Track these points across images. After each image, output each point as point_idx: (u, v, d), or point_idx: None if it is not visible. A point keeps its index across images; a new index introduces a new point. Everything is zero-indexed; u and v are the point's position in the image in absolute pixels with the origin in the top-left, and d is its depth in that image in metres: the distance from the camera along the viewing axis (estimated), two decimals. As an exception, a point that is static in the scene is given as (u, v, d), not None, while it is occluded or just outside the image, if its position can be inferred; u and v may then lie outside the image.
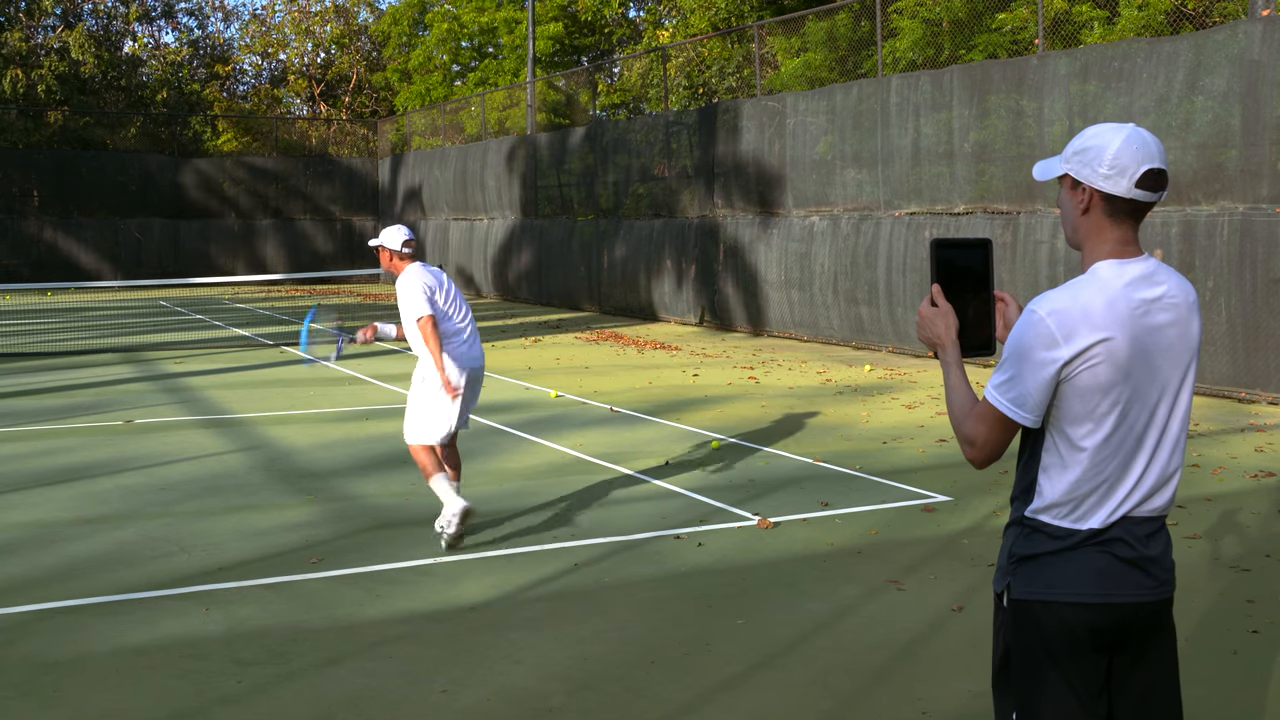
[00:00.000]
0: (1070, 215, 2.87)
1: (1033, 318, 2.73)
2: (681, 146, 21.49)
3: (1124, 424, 2.74)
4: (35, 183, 33.57)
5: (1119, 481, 2.76)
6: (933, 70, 15.95)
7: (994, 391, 2.74)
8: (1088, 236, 2.84)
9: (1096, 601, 2.77)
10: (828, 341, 17.64)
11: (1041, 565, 2.80)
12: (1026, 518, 2.83)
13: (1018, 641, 2.86)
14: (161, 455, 9.67)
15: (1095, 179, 2.77)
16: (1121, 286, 2.74)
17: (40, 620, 5.74)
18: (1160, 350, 2.76)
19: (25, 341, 18.93)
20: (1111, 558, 2.78)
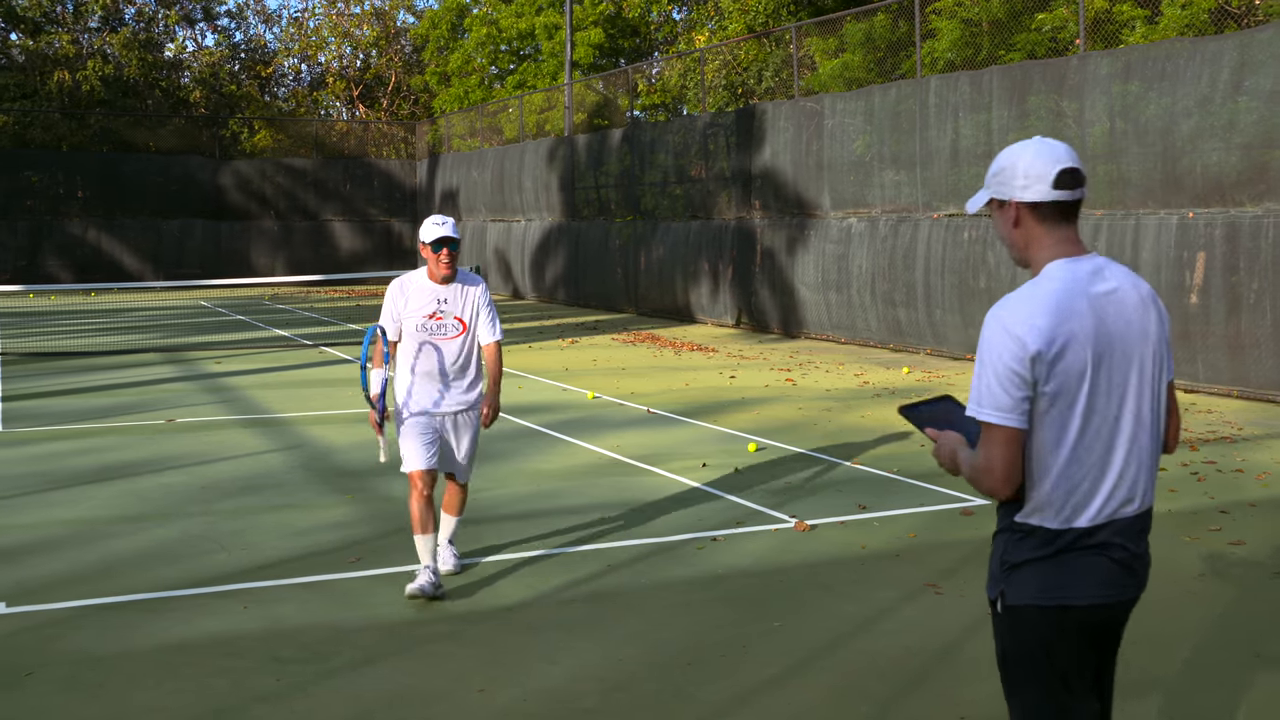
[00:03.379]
0: (1006, 234, 2.98)
1: (996, 324, 2.80)
2: (719, 148, 21.47)
3: (1097, 416, 2.80)
4: (79, 184, 33.98)
5: (1102, 476, 2.81)
6: (972, 71, 15.86)
7: (980, 409, 2.78)
8: (1028, 247, 2.94)
9: (1092, 603, 2.85)
10: (865, 344, 17.57)
11: (1035, 571, 2.85)
12: (1017, 523, 2.88)
13: (1014, 647, 2.93)
14: (202, 454, 9.75)
15: (1015, 192, 2.90)
16: (1075, 282, 2.82)
17: (83, 616, 5.80)
18: (1122, 342, 2.83)
19: (69, 341, 19.15)
20: (1106, 560, 2.84)
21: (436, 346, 6.07)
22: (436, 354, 6.07)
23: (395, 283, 6.14)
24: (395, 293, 6.09)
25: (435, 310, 6.05)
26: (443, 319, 6.05)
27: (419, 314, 6.04)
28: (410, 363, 6.11)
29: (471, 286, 6.15)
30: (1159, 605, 5.84)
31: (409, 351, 6.09)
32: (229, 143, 37.22)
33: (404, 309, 6.05)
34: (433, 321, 6.05)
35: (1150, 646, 5.27)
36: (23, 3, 38.85)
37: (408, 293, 6.07)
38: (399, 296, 6.07)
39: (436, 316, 6.04)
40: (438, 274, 6.04)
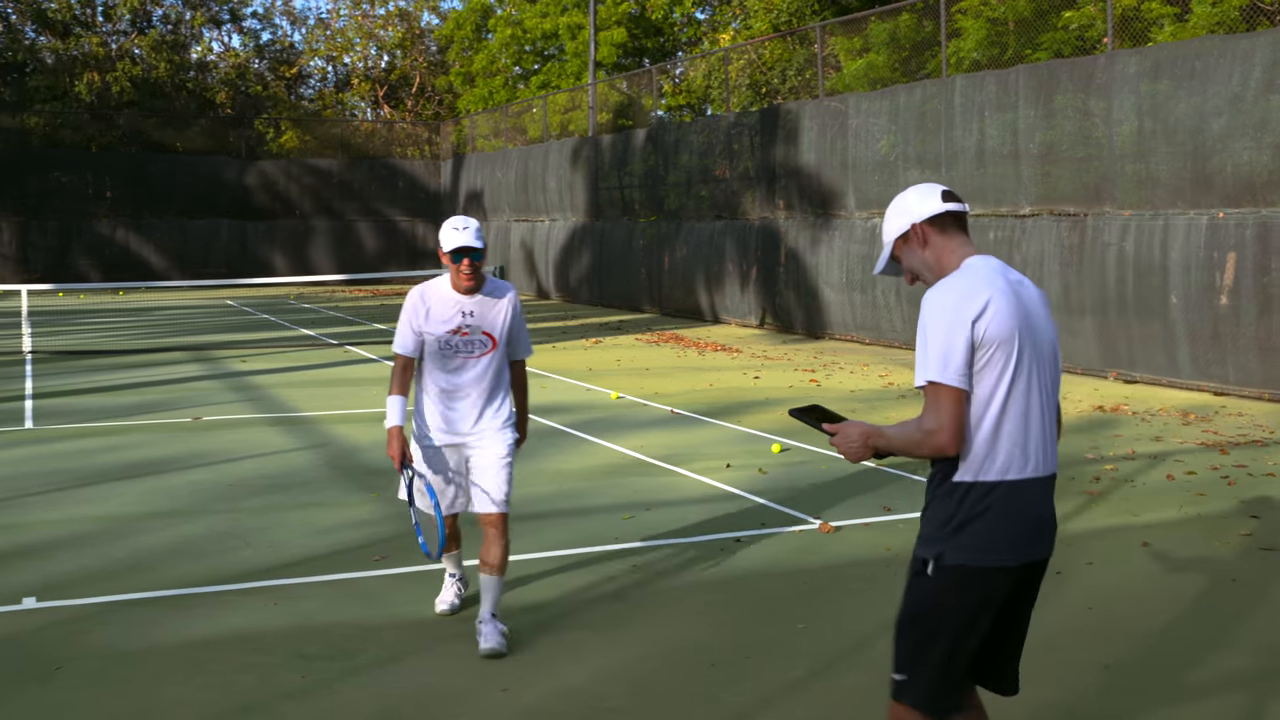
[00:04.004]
0: (920, 259, 3.31)
1: (939, 299, 3.13)
2: (743, 148, 21.44)
3: (1022, 380, 3.14)
4: (107, 184, 34.22)
5: (1027, 435, 3.15)
6: (998, 70, 15.79)
7: (930, 374, 3.08)
8: (939, 261, 3.28)
9: (1022, 562, 3.17)
10: (890, 344, 17.51)
11: (979, 529, 3.13)
12: (956, 482, 3.15)
13: (935, 601, 3.17)
14: (228, 452, 9.80)
15: (914, 216, 3.28)
16: (994, 270, 3.21)
17: (111, 611, 5.84)
18: (1037, 321, 3.22)
19: (98, 340, 19.29)
20: (1035, 516, 3.18)
21: (461, 365, 5.35)
22: (462, 374, 5.35)
23: (415, 292, 5.40)
24: (415, 304, 5.35)
25: (460, 325, 5.30)
26: (469, 334, 5.31)
27: (442, 329, 5.29)
28: (431, 384, 5.40)
29: (501, 297, 5.39)
30: (1192, 609, 5.81)
31: (430, 371, 5.40)
32: (255, 143, 37.41)
33: (425, 323, 5.32)
34: (458, 338, 5.31)
35: (1185, 650, 5.24)
36: (53, 5, 39.15)
37: (429, 303, 5.32)
38: (419, 308, 5.33)
39: (462, 332, 5.30)
40: (460, 285, 5.29)
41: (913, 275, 3.36)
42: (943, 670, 3.19)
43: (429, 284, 5.39)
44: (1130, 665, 5.09)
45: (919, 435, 3.11)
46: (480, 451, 5.38)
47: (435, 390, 5.38)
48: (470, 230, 5.23)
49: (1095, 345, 13.95)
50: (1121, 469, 8.94)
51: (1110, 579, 6.27)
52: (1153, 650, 5.26)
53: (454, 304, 5.31)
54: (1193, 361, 12.77)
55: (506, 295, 5.43)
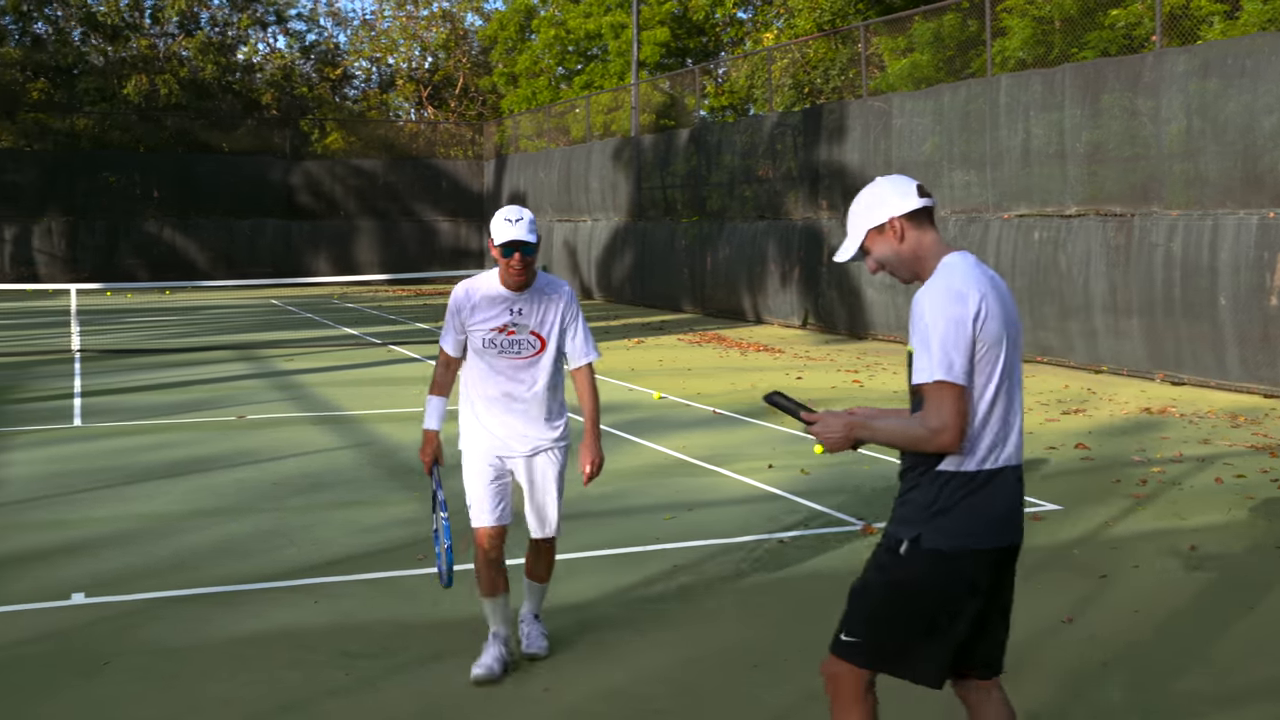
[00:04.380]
0: (895, 253, 3.35)
1: (937, 301, 3.17)
2: (786, 148, 21.38)
3: (1006, 372, 3.22)
4: (155, 184, 34.61)
5: (1008, 425, 3.25)
6: (1044, 69, 15.65)
7: (937, 373, 3.13)
8: (916, 256, 3.33)
9: (998, 546, 3.26)
10: (933, 345, 17.37)
11: (959, 515, 3.21)
12: (940, 471, 3.23)
13: (917, 586, 3.25)
14: (272, 451, 9.88)
15: (892, 210, 3.33)
16: (975, 266, 3.27)
17: (157, 608, 5.90)
18: (1013, 316, 3.28)
19: (145, 338, 19.51)
20: (1011, 504, 3.28)
21: (508, 368, 4.94)
22: (508, 378, 4.95)
23: (460, 287, 5.02)
24: (460, 300, 4.98)
25: (508, 323, 4.90)
26: (516, 333, 4.91)
27: (487, 326, 4.91)
28: (475, 389, 5.01)
29: (553, 295, 4.99)
30: (1241, 614, 5.73)
31: (474, 375, 5.01)
32: (300, 144, 37.71)
33: (469, 320, 4.94)
34: (504, 337, 4.91)
35: (1234, 655, 5.17)
36: (101, 9, 39.65)
37: (475, 300, 4.94)
38: (464, 304, 4.96)
39: (509, 331, 4.91)
40: (509, 281, 4.90)
41: (879, 266, 3.42)
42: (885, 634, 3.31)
43: (477, 278, 5.04)
44: (1177, 669, 5.03)
45: (924, 433, 3.17)
46: (530, 470, 5.02)
47: (480, 397, 4.99)
48: (524, 223, 4.83)
49: (1142, 346, 13.80)
50: (1169, 471, 8.84)
51: (1157, 583, 6.19)
52: (1201, 655, 5.19)
53: (502, 300, 4.91)
54: (1242, 363, 12.60)
55: (560, 293, 5.01)
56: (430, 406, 5.07)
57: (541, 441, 5.02)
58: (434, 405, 5.07)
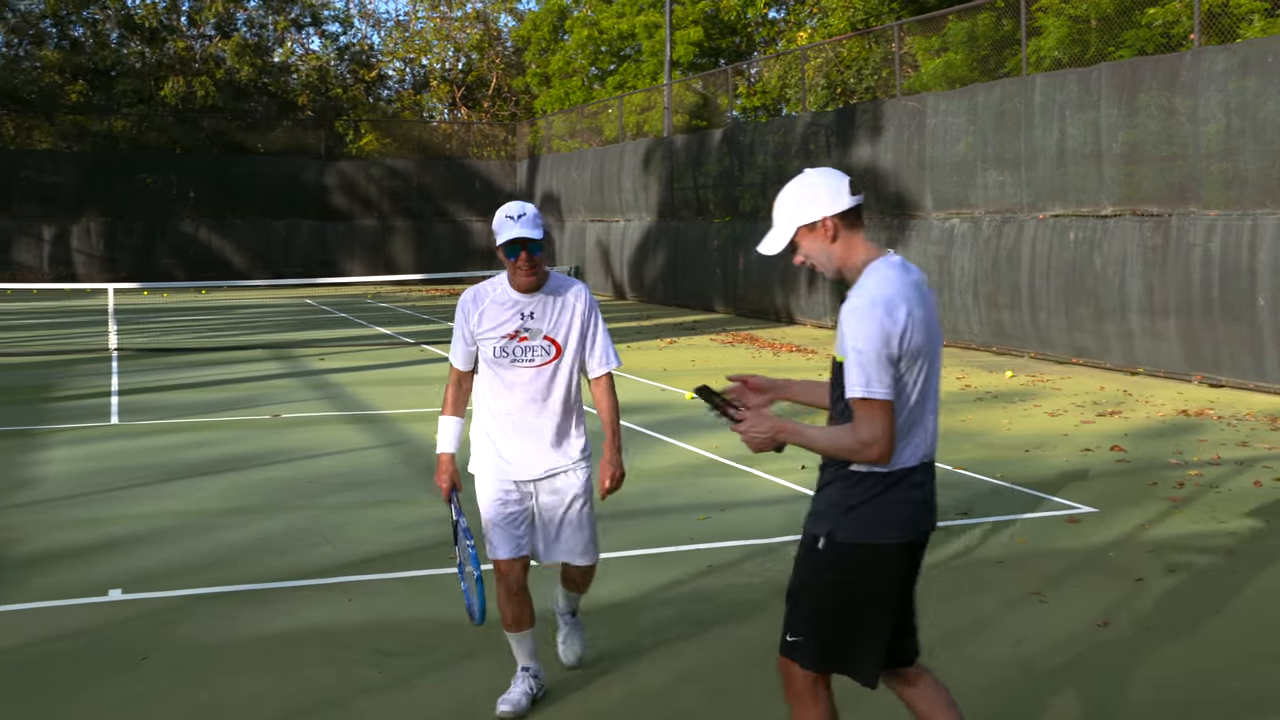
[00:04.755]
0: (825, 252, 3.39)
1: (869, 315, 3.21)
2: (819, 148, 21.32)
3: (924, 379, 3.30)
4: (191, 185, 34.90)
5: (924, 427, 3.33)
6: (1079, 68, 15.54)
7: (869, 390, 3.19)
8: (845, 256, 3.38)
9: (911, 539, 3.35)
10: (967, 346, 17.32)
11: (868, 511, 3.31)
12: (854, 470, 3.31)
13: (840, 581, 3.35)
14: (307, 449, 9.94)
15: (825, 208, 3.35)
16: (905, 274, 3.32)
17: (193, 604, 5.95)
18: (935, 320, 3.38)
19: (181, 337, 19.66)
20: (921, 499, 3.36)
21: (522, 380, 4.52)
22: (519, 390, 4.52)
23: (468, 294, 4.61)
24: (467, 307, 4.58)
25: (519, 328, 4.50)
26: (529, 339, 4.51)
27: (497, 334, 4.51)
28: (488, 405, 4.60)
29: (569, 295, 4.57)
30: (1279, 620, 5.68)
31: (486, 390, 4.60)
32: (334, 144, 37.92)
33: (477, 328, 4.55)
34: (515, 344, 4.50)
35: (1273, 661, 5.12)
36: (140, 11, 40.03)
37: (482, 305, 4.55)
38: (470, 312, 4.56)
39: (520, 337, 4.50)
40: (519, 282, 4.50)
41: (806, 262, 3.46)
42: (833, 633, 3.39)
43: (484, 284, 4.64)
44: (1215, 674, 4.98)
45: (854, 445, 3.22)
46: (551, 494, 4.59)
47: (493, 414, 4.57)
48: (526, 217, 4.41)
49: (1179, 348, 13.68)
50: (1206, 474, 8.75)
51: (1194, 587, 6.14)
52: (1237, 662, 5.14)
53: (511, 304, 4.52)
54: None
55: (575, 293, 4.59)
56: (443, 428, 4.67)
57: (561, 461, 4.59)
58: (447, 427, 4.67)
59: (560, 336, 4.54)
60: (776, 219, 3.46)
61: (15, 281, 30.91)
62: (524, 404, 4.53)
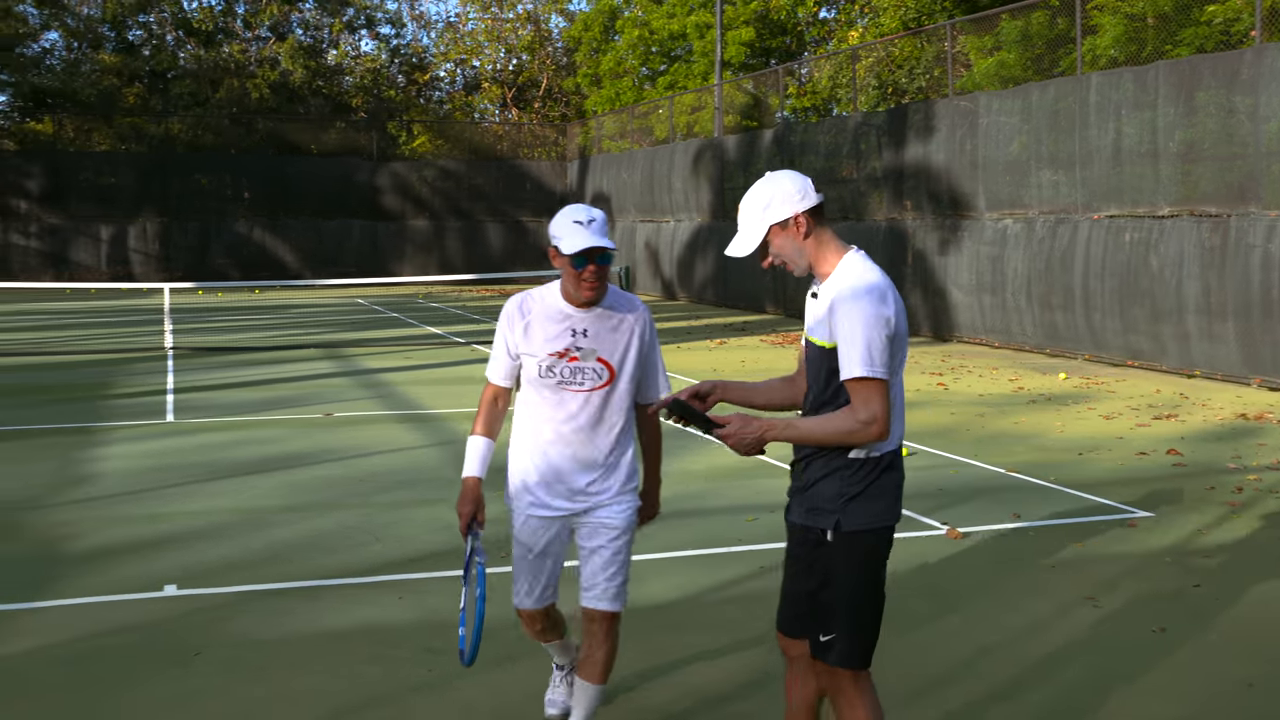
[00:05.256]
0: (797, 249, 3.49)
1: (867, 300, 3.33)
2: (870, 148, 21.20)
3: (900, 365, 3.44)
4: (245, 185, 35.30)
5: (899, 410, 3.46)
6: (1136, 67, 15.35)
7: (868, 369, 3.29)
8: (818, 252, 3.49)
9: (897, 520, 3.53)
10: (1020, 348, 17.15)
11: (870, 496, 3.43)
12: (852, 459, 3.42)
13: (850, 568, 3.47)
14: (358, 448, 10.01)
15: (798, 205, 3.45)
16: (873, 264, 3.47)
17: (247, 601, 6.00)
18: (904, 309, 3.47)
19: (234, 336, 19.87)
20: (902, 480, 3.53)
21: (568, 404, 4.05)
22: (565, 415, 4.05)
23: (512, 303, 4.12)
24: (512, 317, 4.08)
25: (569, 347, 4.02)
26: (579, 360, 4.02)
27: (544, 351, 4.02)
28: (528, 429, 4.14)
29: (626, 315, 4.07)
30: (1337, 625, 5.57)
31: (528, 411, 4.13)
32: (386, 145, 38.20)
33: (522, 342, 4.06)
34: (564, 364, 4.02)
35: (1327, 668, 5.03)
36: (196, 15, 40.55)
37: (528, 317, 4.06)
38: (516, 323, 4.07)
39: (570, 357, 4.02)
40: (579, 296, 3.99)
41: (776, 261, 3.52)
42: (868, 624, 3.52)
43: (532, 292, 4.14)
44: (1275, 684, 4.89)
45: (855, 426, 3.32)
46: (589, 526, 4.13)
47: (534, 437, 4.11)
48: (596, 224, 3.92)
49: (1237, 351, 13.47)
50: (1265, 479, 8.61)
51: (1252, 593, 6.04)
52: (1299, 668, 5.04)
53: (563, 319, 4.02)
54: (1342, 368, 12.24)
55: (635, 313, 4.09)
56: (471, 449, 4.18)
57: (606, 495, 4.12)
58: (476, 448, 4.17)
59: (615, 360, 4.04)
60: (745, 221, 3.50)
61: (74, 281, 31.40)
62: (570, 431, 4.04)
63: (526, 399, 4.13)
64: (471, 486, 4.16)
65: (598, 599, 4.11)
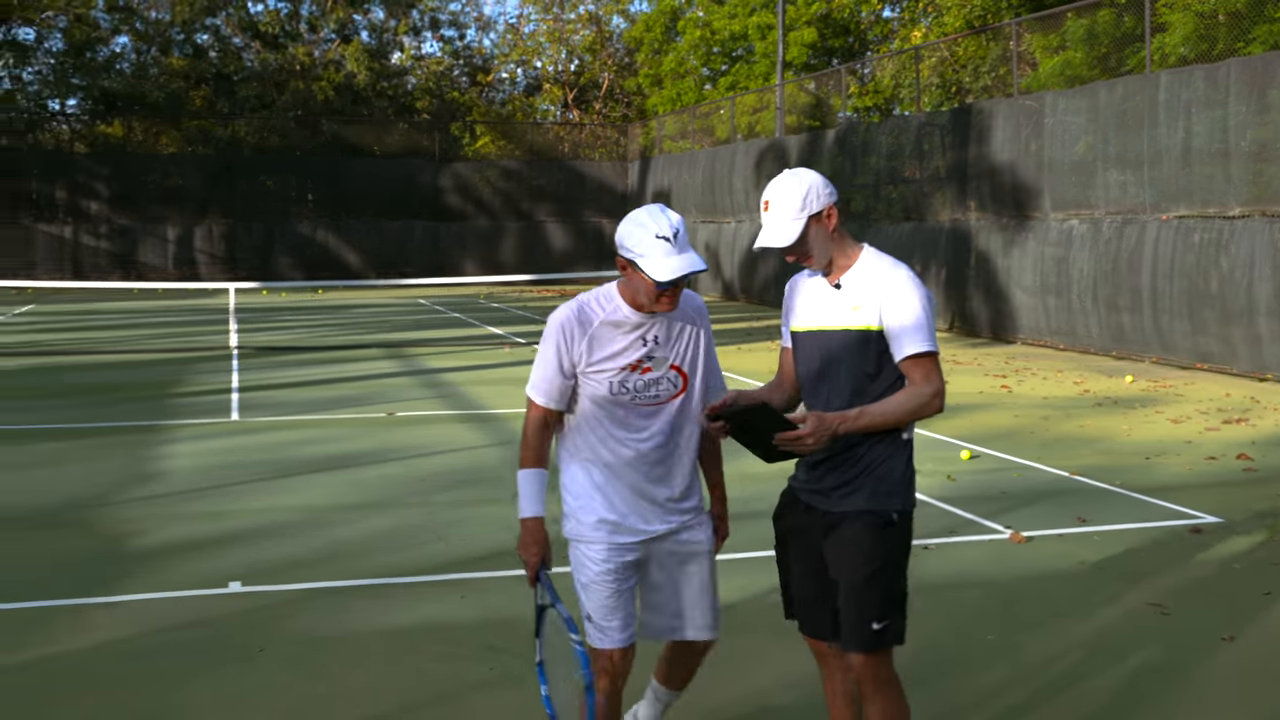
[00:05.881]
0: (827, 240, 3.54)
1: (911, 281, 3.47)
2: (933, 148, 21.03)
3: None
4: (309, 187, 35.72)
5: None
6: (1206, 65, 15.09)
7: (933, 344, 3.44)
8: (842, 243, 3.56)
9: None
10: (1085, 350, 16.93)
11: (910, 478, 3.57)
12: (906, 439, 3.54)
13: (906, 548, 3.56)
14: (420, 447, 10.08)
15: (829, 198, 3.54)
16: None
17: (309, 598, 6.06)
18: None
19: (298, 336, 20.10)
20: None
21: (637, 420, 3.62)
22: (638, 432, 3.62)
23: (568, 314, 3.61)
24: (569, 331, 3.58)
25: (642, 357, 3.59)
26: (653, 370, 3.61)
27: (615, 365, 3.57)
28: (589, 453, 3.67)
29: (693, 314, 3.72)
30: None
31: (587, 434, 3.66)
32: (448, 146, 38.47)
33: (588, 358, 3.58)
34: (637, 377, 3.59)
35: (1404, 680, 4.91)
36: (263, 19, 41.09)
37: (591, 329, 3.58)
38: (575, 337, 3.58)
39: (643, 368, 3.59)
40: (651, 306, 3.54)
41: (802, 255, 3.55)
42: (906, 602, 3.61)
43: (586, 300, 3.64)
44: (1350, 695, 4.79)
45: (928, 398, 3.44)
46: (671, 555, 3.74)
47: (606, 459, 3.64)
48: (681, 237, 3.49)
49: (1310, 354, 13.21)
50: (1339, 485, 8.42)
51: (1327, 602, 5.91)
52: (1375, 680, 4.93)
53: (631, 327, 3.59)
54: None
55: (697, 311, 3.73)
56: (525, 485, 3.68)
57: (686, 514, 3.75)
58: (531, 482, 3.67)
59: (687, 365, 3.65)
60: (780, 211, 3.53)
61: (141, 281, 31.93)
62: (650, 449, 3.61)
63: (587, 420, 3.64)
64: (534, 528, 3.67)
65: (700, 629, 3.81)
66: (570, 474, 3.72)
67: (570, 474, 3.72)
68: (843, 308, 3.52)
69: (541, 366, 3.63)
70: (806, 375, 3.65)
